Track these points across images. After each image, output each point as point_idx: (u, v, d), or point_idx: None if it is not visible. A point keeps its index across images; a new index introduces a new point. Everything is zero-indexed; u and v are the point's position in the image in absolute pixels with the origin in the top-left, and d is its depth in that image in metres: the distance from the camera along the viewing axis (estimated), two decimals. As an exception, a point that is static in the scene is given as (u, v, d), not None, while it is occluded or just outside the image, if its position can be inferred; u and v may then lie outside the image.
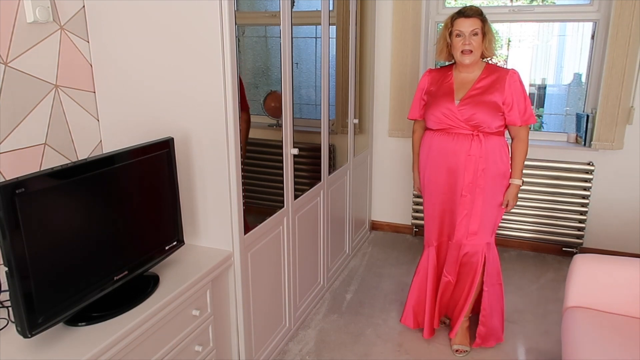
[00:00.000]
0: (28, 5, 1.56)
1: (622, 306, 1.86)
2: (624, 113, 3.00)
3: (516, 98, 2.15)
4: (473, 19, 2.11)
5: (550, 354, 2.34)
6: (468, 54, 2.12)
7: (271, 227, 2.12)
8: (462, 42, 2.11)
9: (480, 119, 2.15)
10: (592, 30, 3.17)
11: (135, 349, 1.41)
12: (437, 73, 2.32)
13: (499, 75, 2.17)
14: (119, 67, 1.82)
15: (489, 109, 2.14)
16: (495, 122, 2.16)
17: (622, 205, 3.19)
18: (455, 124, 2.19)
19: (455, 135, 2.21)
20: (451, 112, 2.18)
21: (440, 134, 2.25)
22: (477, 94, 2.17)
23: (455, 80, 2.24)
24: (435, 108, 2.22)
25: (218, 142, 1.75)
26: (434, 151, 2.27)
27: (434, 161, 2.29)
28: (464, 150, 2.19)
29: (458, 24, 2.13)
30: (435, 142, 2.27)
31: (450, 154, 2.22)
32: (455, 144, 2.21)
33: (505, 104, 2.15)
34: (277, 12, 2.05)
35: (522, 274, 3.13)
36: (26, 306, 1.18)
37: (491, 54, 2.18)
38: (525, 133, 2.23)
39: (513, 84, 2.15)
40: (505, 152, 2.22)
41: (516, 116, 2.17)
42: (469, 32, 2.10)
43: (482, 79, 2.19)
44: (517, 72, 2.17)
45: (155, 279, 1.61)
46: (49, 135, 1.69)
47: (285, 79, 2.11)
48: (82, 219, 1.36)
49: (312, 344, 2.40)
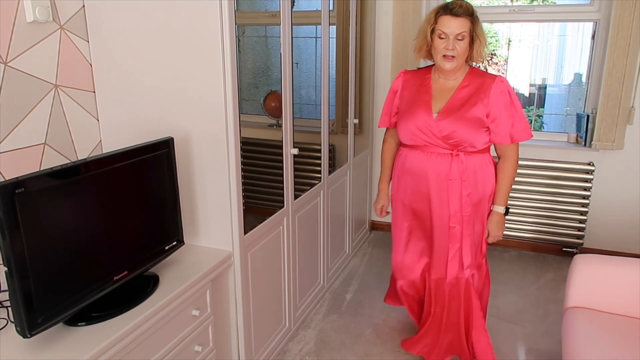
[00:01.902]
0: (28, 5, 1.56)
1: (622, 306, 1.86)
2: (624, 113, 3.00)
3: (502, 111, 1.83)
4: (461, 20, 1.76)
5: (550, 354, 2.33)
6: (450, 60, 1.80)
7: (271, 227, 2.12)
8: (444, 46, 1.78)
9: (461, 137, 1.83)
10: (593, 30, 3.17)
11: (135, 349, 1.40)
12: (413, 75, 1.99)
13: (484, 82, 1.85)
14: (119, 67, 1.82)
15: (471, 125, 1.82)
16: (480, 140, 1.85)
17: (622, 206, 3.19)
18: (432, 140, 1.87)
19: (432, 155, 1.89)
20: (427, 126, 1.86)
21: (414, 152, 1.93)
22: (458, 105, 1.85)
23: (433, 86, 1.91)
24: (409, 119, 1.90)
25: (218, 142, 1.75)
26: (407, 173, 1.97)
27: (410, 185, 1.98)
28: (443, 173, 1.88)
29: (443, 22, 1.78)
30: (408, 162, 1.96)
31: (427, 177, 1.91)
32: (432, 165, 1.89)
33: (489, 117, 1.83)
34: (277, 12, 2.05)
35: (522, 274, 3.12)
36: (26, 306, 1.18)
37: (480, 60, 1.86)
38: (514, 152, 1.91)
39: (499, 95, 1.82)
40: (491, 171, 1.94)
41: (502, 133, 1.85)
42: (454, 35, 1.77)
43: (464, 87, 1.86)
44: (505, 80, 1.84)
45: (155, 279, 1.61)
46: (49, 135, 1.69)
47: (285, 79, 2.11)
48: (81, 219, 1.36)
49: (312, 344, 2.40)
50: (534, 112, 3.87)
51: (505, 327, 2.54)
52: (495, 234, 1.98)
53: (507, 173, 1.91)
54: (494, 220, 1.96)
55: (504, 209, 1.95)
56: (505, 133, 1.84)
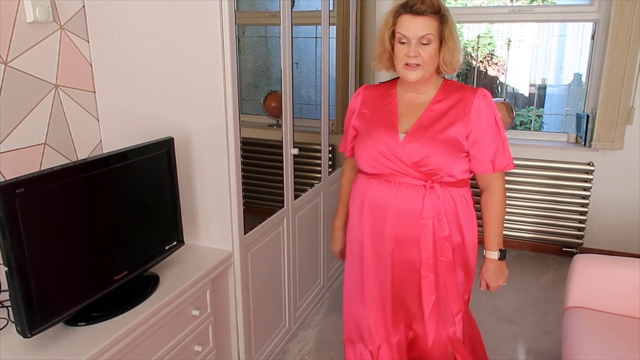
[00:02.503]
0: (28, 5, 1.56)
1: (622, 306, 1.86)
2: (624, 113, 3.00)
3: (486, 132, 1.46)
4: (425, 19, 1.38)
5: (550, 354, 2.34)
6: (413, 69, 1.42)
7: (271, 227, 2.12)
8: (405, 52, 1.41)
9: (435, 163, 1.44)
10: (592, 30, 3.17)
11: (135, 349, 1.41)
12: (375, 91, 1.61)
13: (463, 97, 1.47)
14: (119, 67, 1.82)
15: (447, 148, 1.45)
16: (459, 167, 1.47)
17: (622, 206, 3.19)
18: (400, 168, 1.47)
19: (400, 187, 1.48)
20: (391, 151, 1.47)
21: (376, 181, 1.52)
22: (430, 123, 1.47)
23: (400, 102, 1.53)
24: (369, 142, 1.51)
25: (218, 141, 1.75)
26: (369, 208, 1.54)
27: (370, 224, 1.56)
28: (414, 210, 1.48)
29: (402, 23, 1.40)
30: (370, 195, 1.53)
31: (393, 214, 1.50)
32: (399, 199, 1.49)
33: (469, 139, 1.46)
34: (277, 12, 2.05)
35: (522, 274, 3.13)
36: (26, 306, 1.18)
37: (452, 68, 1.47)
38: (501, 183, 1.52)
39: (483, 111, 1.45)
40: (471, 209, 1.56)
41: (485, 159, 1.47)
42: (417, 38, 1.39)
43: (439, 102, 1.49)
44: (487, 94, 1.47)
45: (155, 278, 1.61)
46: (49, 135, 1.69)
47: (285, 79, 2.11)
48: (82, 219, 1.36)
49: (312, 344, 2.40)
50: (534, 112, 3.87)
51: (505, 327, 2.54)
52: (495, 285, 1.59)
53: (495, 209, 1.52)
54: (490, 269, 1.57)
55: (497, 253, 1.55)
56: (488, 160, 1.47)
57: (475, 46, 4.20)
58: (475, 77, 4.03)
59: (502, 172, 1.52)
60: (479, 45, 4.17)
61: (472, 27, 4.08)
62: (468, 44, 4.31)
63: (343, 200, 1.74)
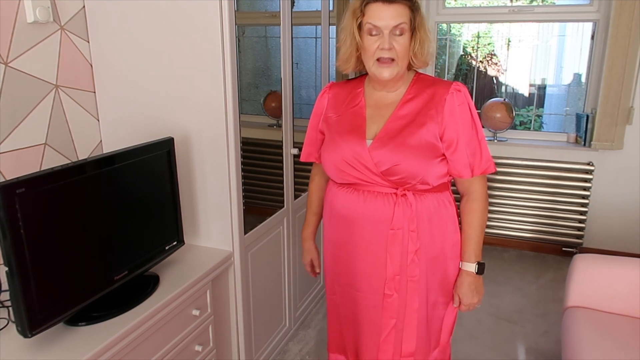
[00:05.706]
0: (28, 5, 1.56)
1: (622, 306, 1.86)
2: (623, 113, 3.00)
3: (461, 133, 1.30)
4: (397, 7, 1.24)
5: (550, 354, 2.34)
6: (388, 64, 1.27)
7: (271, 227, 2.12)
8: (378, 45, 1.26)
9: (406, 172, 1.30)
10: (592, 30, 3.17)
11: (135, 349, 1.41)
12: (341, 89, 1.45)
13: (434, 93, 1.32)
14: (119, 67, 1.82)
15: (419, 153, 1.29)
16: (434, 173, 1.32)
17: (622, 205, 3.20)
18: (367, 177, 1.34)
19: (368, 195, 1.36)
20: (358, 159, 1.33)
21: (345, 190, 1.40)
22: (400, 127, 1.31)
23: (368, 102, 1.39)
24: (333, 150, 1.37)
25: (218, 141, 1.75)
26: (337, 217, 1.44)
27: (338, 234, 1.46)
28: (382, 220, 1.34)
29: (372, 12, 1.25)
30: (338, 205, 1.42)
31: (360, 224, 1.37)
32: (368, 208, 1.36)
33: (444, 139, 1.31)
34: (277, 12, 2.05)
35: (522, 274, 3.13)
36: (26, 306, 1.18)
37: (423, 62, 1.33)
38: (482, 187, 1.37)
39: (457, 108, 1.30)
40: (451, 215, 1.40)
41: (462, 162, 1.32)
42: (389, 28, 1.24)
43: (409, 101, 1.33)
44: (462, 88, 1.32)
45: (155, 278, 1.61)
46: (49, 135, 1.69)
47: (285, 79, 2.11)
48: (82, 219, 1.36)
49: (312, 344, 2.40)
50: (534, 112, 3.87)
51: (505, 327, 2.54)
52: (468, 302, 1.40)
53: (475, 216, 1.36)
54: (465, 283, 1.39)
55: (475, 266, 1.38)
56: (465, 163, 1.32)
57: (475, 46, 4.20)
58: (475, 77, 4.04)
59: (483, 176, 1.37)
60: (478, 45, 4.18)
61: (472, 27, 4.09)
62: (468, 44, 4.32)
63: (311, 208, 1.63)
